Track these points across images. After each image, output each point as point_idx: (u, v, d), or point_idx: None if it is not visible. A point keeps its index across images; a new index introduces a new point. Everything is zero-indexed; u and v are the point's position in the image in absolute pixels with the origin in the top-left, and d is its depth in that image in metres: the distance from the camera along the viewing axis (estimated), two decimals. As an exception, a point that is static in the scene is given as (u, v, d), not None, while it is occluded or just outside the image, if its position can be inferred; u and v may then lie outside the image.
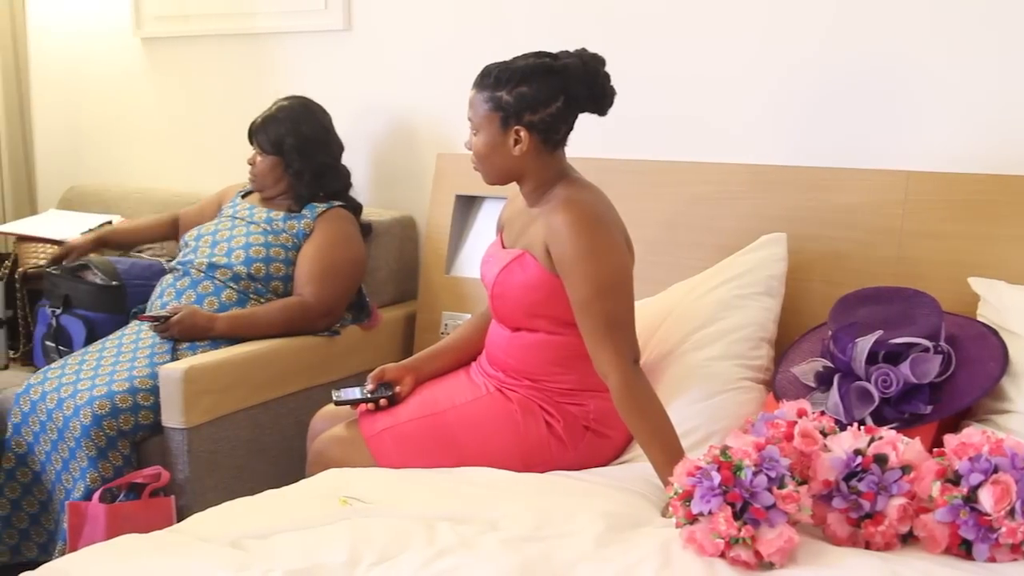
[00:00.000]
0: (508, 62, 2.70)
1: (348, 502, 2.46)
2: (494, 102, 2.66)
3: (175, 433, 3.13)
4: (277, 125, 3.59)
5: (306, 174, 3.58)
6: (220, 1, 4.31)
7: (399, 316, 3.78)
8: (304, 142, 3.58)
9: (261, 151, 3.61)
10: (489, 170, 2.75)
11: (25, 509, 3.30)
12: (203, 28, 4.39)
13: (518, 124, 2.66)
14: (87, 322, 3.64)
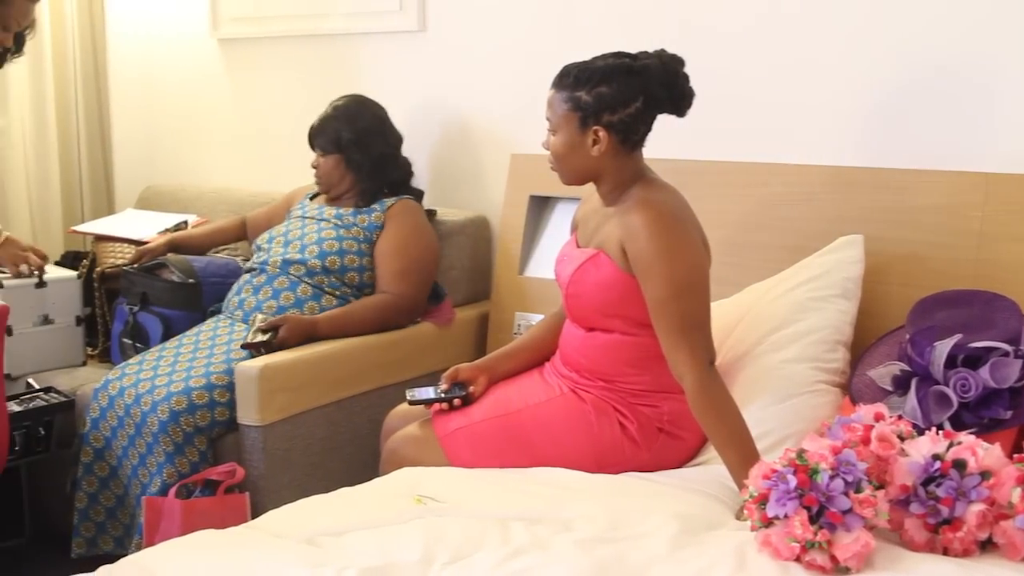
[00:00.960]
0: (587, 62, 2.69)
1: (422, 501, 2.47)
2: (573, 102, 2.65)
3: (250, 430, 3.16)
4: (333, 123, 3.64)
5: (366, 165, 3.62)
6: (296, 3, 4.34)
7: (472, 316, 3.79)
8: (361, 134, 3.62)
9: (322, 152, 3.65)
10: (567, 170, 2.74)
11: (102, 503, 3.34)
12: (278, 29, 4.42)
13: (597, 124, 2.65)
14: (164, 319, 3.67)
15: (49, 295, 3.77)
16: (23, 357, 3.67)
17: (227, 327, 3.49)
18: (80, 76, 4.88)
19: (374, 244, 3.56)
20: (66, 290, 3.82)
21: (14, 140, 4.58)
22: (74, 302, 3.84)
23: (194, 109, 4.75)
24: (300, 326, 3.35)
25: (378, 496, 2.55)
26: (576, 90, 2.65)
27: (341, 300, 3.51)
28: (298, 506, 2.52)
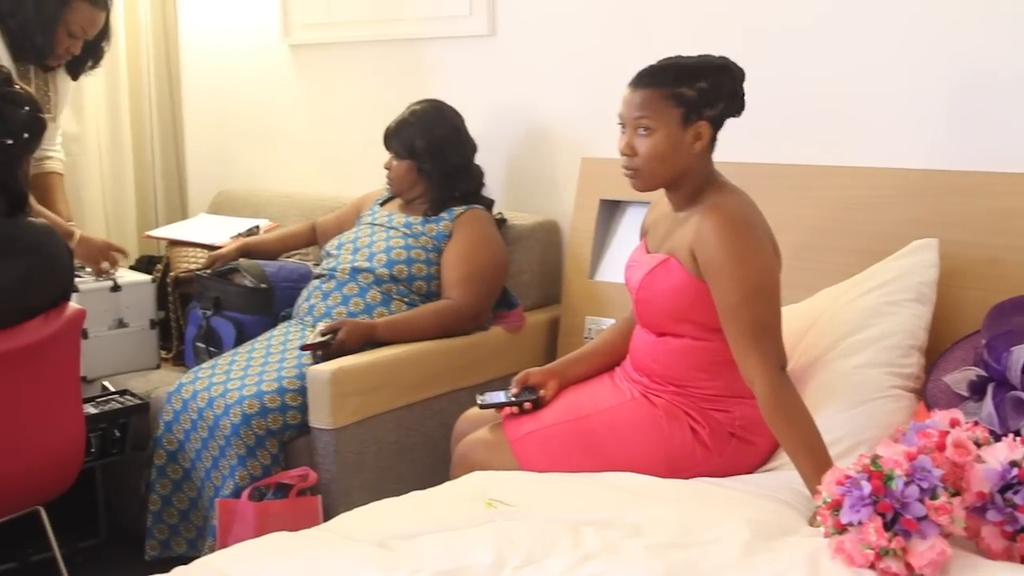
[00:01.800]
0: (678, 58, 2.68)
1: (493, 505, 2.47)
2: (676, 97, 2.63)
3: (322, 434, 3.18)
4: (409, 129, 3.64)
5: (436, 175, 3.63)
6: (366, 8, 4.36)
7: (542, 320, 3.79)
8: (435, 144, 3.63)
9: (396, 156, 3.67)
10: (659, 172, 2.68)
11: (175, 505, 3.38)
12: (349, 35, 4.45)
13: (700, 119, 2.64)
14: (237, 324, 3.71)
15: (124, 299, 3.82)
16: (99, 360, 3.71)
17: (298, 332, 3.52)
18: (154, 83, 4.94)
19: (442, 253, 3.57)
20: (141, 294, 3.87)
21: (89, 147, 4.64)
22: (148, 306, 3.89)
23: (265, 115, 4.80)
24: (359, 329, 3.36)
25: (449, 500, 2.56)
26: (678, 85, 2.63)
27: (410, 306, 3.52)
28: (370, 509, 2.53)
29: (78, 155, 4.57)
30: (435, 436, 3.37)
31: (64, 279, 2.89)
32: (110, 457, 3.43)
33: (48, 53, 3.70)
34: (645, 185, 2.72)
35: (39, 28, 3.62)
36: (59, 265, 2.87)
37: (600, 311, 3.65)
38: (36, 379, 2.82)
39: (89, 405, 3.37)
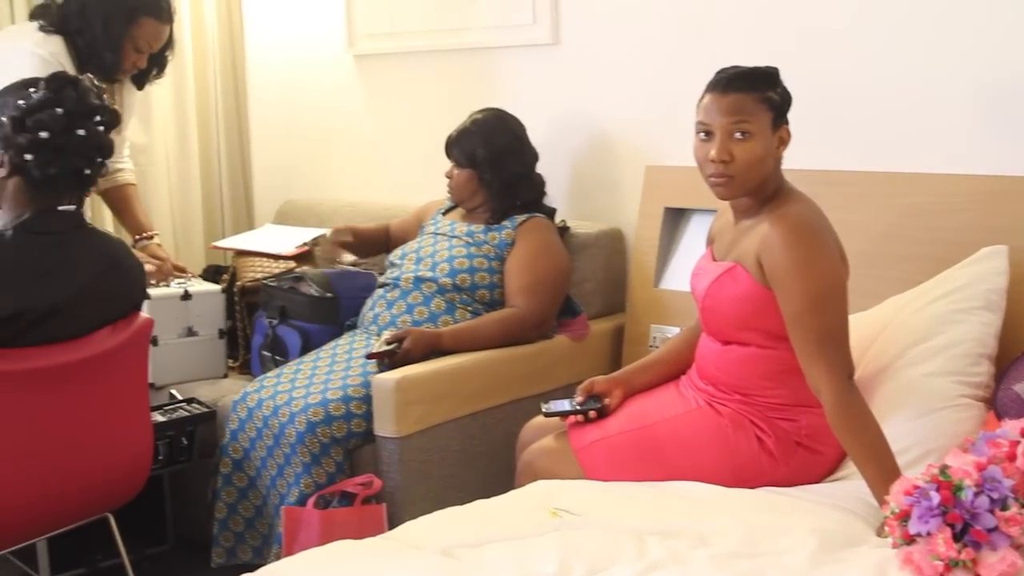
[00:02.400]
0: (745, 68, 2.66)
1: (558, 513, 2.47)
2: (767, 101, 2.63)
3: (387, 442, 3.18)
4: (470, 138, 3.65)
5: (497, 184, 3.63)
6: (429, 18, 4.37)
7: (607, 329, 3.77)
8: (496, 153, 3.63)
9: (457, 164, 3.68)
10: (754, 177, 2.65)
11: (241, 513, 3.40)
12: (413, 45, 4.46)
13: (784, 123, 2.65)
14: (302, 332, 3.73)
15: (194, 308, 3.85)
16: (168, 368, 3.74)
17: (363, 340, 3.53)
18: (220, 96, 4.98)
19: (505, 261, 3.57)
20: (210, 303, 3.89)
21: (157, 158, 4.68)
22: (218, 315, 3.92)
23: (330, 124, 4.82)
24: (424, 338, 3.37)
25: (514, 508, 2.56)
26: (767, 89, 2.63)
27: (474, 315, 3.53)
28: (434, 518, 2.54)
29: (146, 166, 4.61)
30: (499, 445, 3.36)
31: (134, 290, 2.92)
32: (177, 465, 3.45)
33: (116, 69, 3.74)
34: (736, 192, 2.68)
35: (107, 46, 3.66)
36: (129, 277, 2.91)
37: (665, 319, 3.64)
38: (105, 388, 2.85)
39: (157, 413, 3.40)
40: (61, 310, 2.70)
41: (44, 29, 3.62)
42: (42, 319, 2.67)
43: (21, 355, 2.66)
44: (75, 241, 2.78)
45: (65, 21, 3.64)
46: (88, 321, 2.78)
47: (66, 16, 3.65)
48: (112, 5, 3.65)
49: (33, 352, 2.68)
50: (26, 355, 2.67)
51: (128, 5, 3.67)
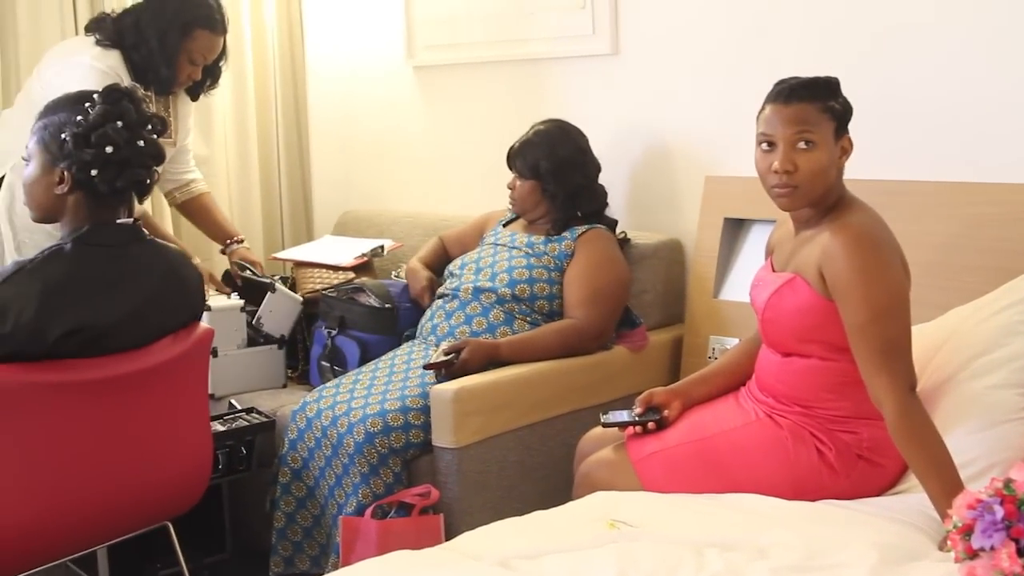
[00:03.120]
0: (806, 78, 2.65)
1: (616, 525, 2.45)
2: (830, 111, 2.61)
3: (445, 452, 3.18)
4: (533, 149, 3.64)
5: (561, 196, 3.62)
6: (489, 29, 4.38)
7: (666, 340, 3.76)
8: (559, 165, 3.62)
9: (520, 176, 3.67)
10: (818, 186, 2.63)
11: (299, 522, 3.41)
12: (472, 56, 4.47)
13: (846, 132, 2.64)
14: (361, 343, 3.74)
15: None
16: (228, 378, 3.76)
17: (421, 351, 3.53)
18: (280, 107, 5.02)
19: (564, 272, 3.56)
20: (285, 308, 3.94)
21: (217, 169, 4.72)
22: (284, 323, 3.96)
23: (389, 135, 4.84)
24: (482, 349, 3.37)
25: (572, 520, 2.55)
26: (829, 99, 2.62)
27: (532, 326, 3.52)
28: (492, 528, 2.53)
29: (207, 177, 4.64)
30: (557, 456, 3.35)
31: (193, 301, 2.94)
32: (236, 474, 3.47)
33: (172, 82, 3.77)
34: (799, 203, 2.66)
35: (163, 59, 3.69)
36: (189, 287, 2.92)
37: (724, 330, 3.61)
38: (166, 398, 2.87)
39: (217, 423, 3.42)
40: (122, 322, 2.72)
41: (101, 43, 3.66)
42: (104, 332, 2.69)
43: (83, 365, 2.68)
44: (134, 253, 2.80)
45: (121, 35, 3.67)
46: (149, 332, 2.80)
47: (121, 30, 3.68)
48: (166, 18, 3.68)
49: (95, 363, 2.70)
50: (88, 365, 2.69)
51: (182, 18, 3.70)
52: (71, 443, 2.69)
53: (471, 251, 3.81)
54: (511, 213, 3.83)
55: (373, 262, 4.26)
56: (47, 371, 2.63)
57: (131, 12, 3.75)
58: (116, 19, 3.73)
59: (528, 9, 4.21)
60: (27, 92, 3.66)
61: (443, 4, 4.49)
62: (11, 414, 2.58)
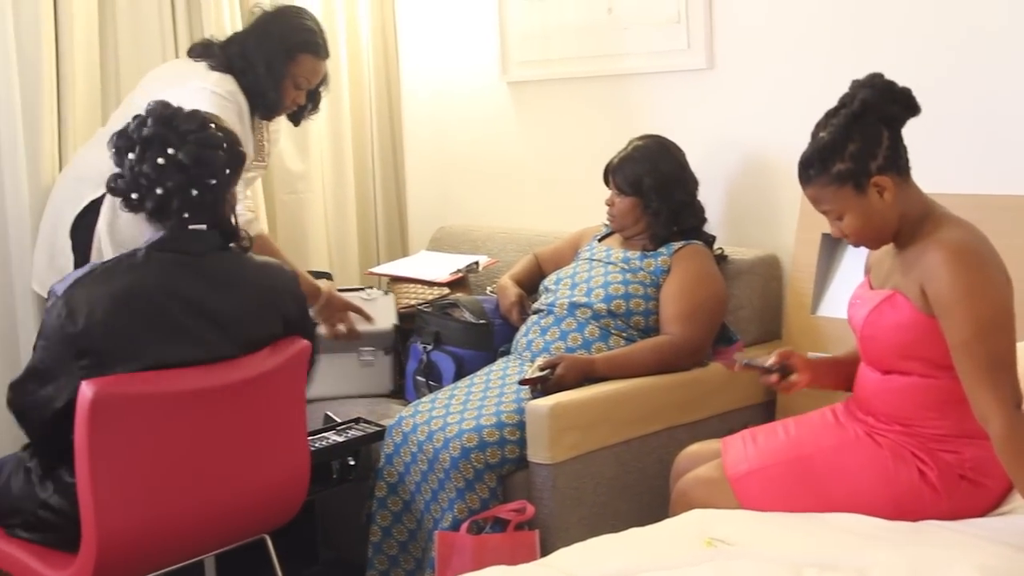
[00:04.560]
0: (813, 143, 2.66)
1: (713, 544, 2.44)
2: (836, 179, 2.60)
3: (540, 468, 3.18)
4: (634, 165, 3.62)
5: (664, 213, 3.60)
6: (583, 44, 4.38)
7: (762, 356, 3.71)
8: (662, 181, 3.60)
9: (619, 192, 3.65)
10: (875, 236, 2.67)
11: (395, 536, 3.42)
12: (566, 71, 4.47)
13: (871, 177, 2.59)
14: (456, 358, 3.75)
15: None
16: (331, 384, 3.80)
17: (517, 366, 3.53)
18: (376, 122, 5.06)
19: (660, 288, 3.55)
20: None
21: (314, 184, 4.77)
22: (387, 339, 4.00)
23: (484, 151, 4.85)
24: (577, 365, 3.36)
25: (668, 537, 2.54)
26: (829, 169, 2.60)
27: (628, 342, 3.50)
28: (588, 545, 2.52)
29: (304, 192, 4.70)
30: (652, 473, 3.34)
31: (285, 312, 2.94)
32: (346, 484, 3.52)
33: (278, 107, 3.82)
34: (873, 246, 2.74)
35: (269, 84, 3.74)
36: (278, 299, 2.93)
37: (822, 347, 3.57)
38: (263, 410, 2.90)
39: (331, 433, 3.49)
40: (190, 327, 2.76)
41: (215, 69, 3.71)
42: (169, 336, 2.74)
43: (179, 376, 2.72)
44: (212, 262, 2.83)
45: (229, 61, 3.72)
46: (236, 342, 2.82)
47: (229, 57, 3.73)
48: (272, 44, 3.73)
49: (191, 372, 2.74)
50: (184, 376, 2.73)
51: (287, 43, 3.75)
52: (169, 453, 2.74)
53: (566, 266, 3.80)
54: (606, 228, 3.82)
55: (468, 278, 4.27)
56: (146, 382, 2.68)
57: (236, 40, 3.80)
58: (222, 46, 3.78)
59: (622, 24, 4.21)
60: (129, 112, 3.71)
61: (537, 20, 4.51)
62: (115, 426, 2.62)
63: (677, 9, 4.02)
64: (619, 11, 4.21)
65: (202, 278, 2.80)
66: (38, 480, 2.85)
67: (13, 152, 3.83)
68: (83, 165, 3.76)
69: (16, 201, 3.85)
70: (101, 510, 2.62)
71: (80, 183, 3.70)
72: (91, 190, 3.65)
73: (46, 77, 3.90)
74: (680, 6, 4.01)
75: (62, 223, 3.69)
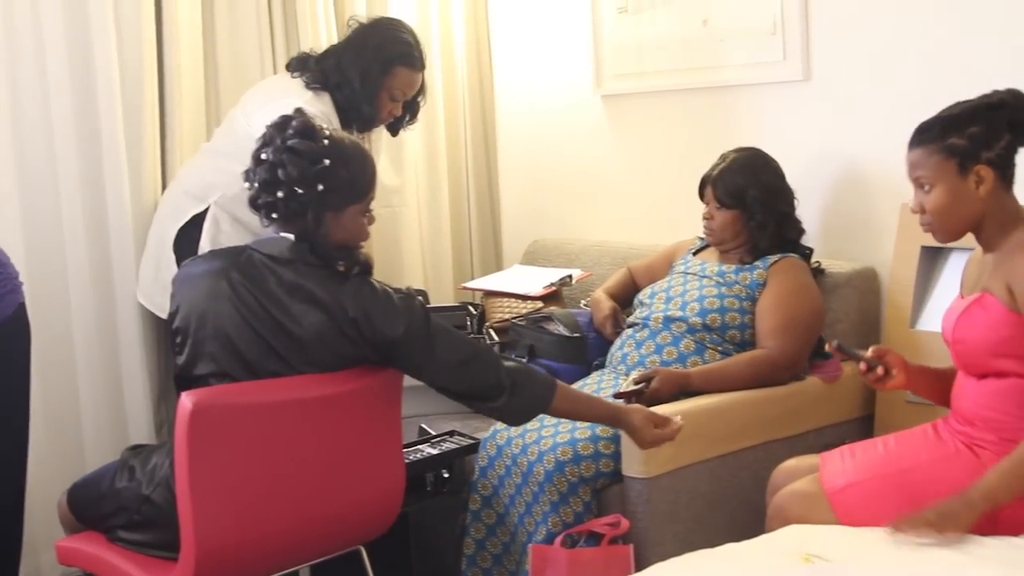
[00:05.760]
0: (944, 112, 2.67)
1: (811, 560, 2.41)
2: (947, 150, 2.61)
3: (635, 482, 3.16)
4: (735, 176, 3.59)
5: (770, 225, 3.57)
6: (676, 57, 4.37)
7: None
8: (766, 193, 3.57)
9: (719, 205, 3.61)
10: (951, 222, 2.67)
11: (489, 549, 3.43)
12: (659, 84, 4.46)
13: (977, 164, 2.59)
14: (550, 371, 3.74)
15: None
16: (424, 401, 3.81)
17: (611, 380, 3.53)
18: (469, 136, 5.09)
19: (756, 301, 3.52)
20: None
21: (408, 199, 4.80)
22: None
23: (578, 165, 4.85)
24: (672, 378, 3.34)
25: (765, 553, 2.51)
26: (946, 138, 2.61)
27: (724, 356, 3.48)
28: (684, 560, 2.51)
29: (398, 207, 4.73)
30: (747, 487, 3.31)
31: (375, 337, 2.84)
32: (440, 496, 3.55)
33: (374, 120, 3.85)
34: (944, 238, 2.72)
35: (365, 98, 3.77)
36: (367, 324, 2.83)
37: (922, 361, 3.50)
38: (358, 422, 2.91)
39: (426, 445, 3.53)
40: (230, 334, 2.84)
41: (311, 87, 3.75)
42: (215, 334, 2.84)
43: (277, 386, 2.76)
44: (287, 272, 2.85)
45: (325, 76, 3.76)
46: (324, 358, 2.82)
47: (325, 71, 3.77)
48: (367, 58, 3.76)
49: (289, 383, 2.77)
50: (281, 386, 2.76)
51: (382, 56, 3.78)
52: (269, 465, 2.77)
53: (660, 280, 3.78)
54: (700, 241, 3.80)
55: (562, 291, 4.28)
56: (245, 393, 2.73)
57: (332, 53, 3.84)
58: (318, 60, 3.82)
59: (717, 36, 4.19)
60: (230, 128, 3.76)
61: (631, 33, 4.50)
62: (214, 436, 2.66)
63: (773, 20, 3.99)
64: (714, 23, 4.20)
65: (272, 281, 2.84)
66: (142, 477, 2.91)
67: (117, 170, 3.91)
68: (187, 180, 3.84)
69: (119, 216, 3.92)
70: (200, 519, 2.65)
71: (184, 197, 3.78)
72: (194, 204, 3.72)
73: (148, 98, 3.99)
74: (776, 17, 3.98)
75: (166, 236, 3.76)
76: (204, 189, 3.72)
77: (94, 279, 3.92)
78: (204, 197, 3.72)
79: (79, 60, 3.84)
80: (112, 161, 3.89)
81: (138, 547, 2.89)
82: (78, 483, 3.14)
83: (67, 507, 3.11)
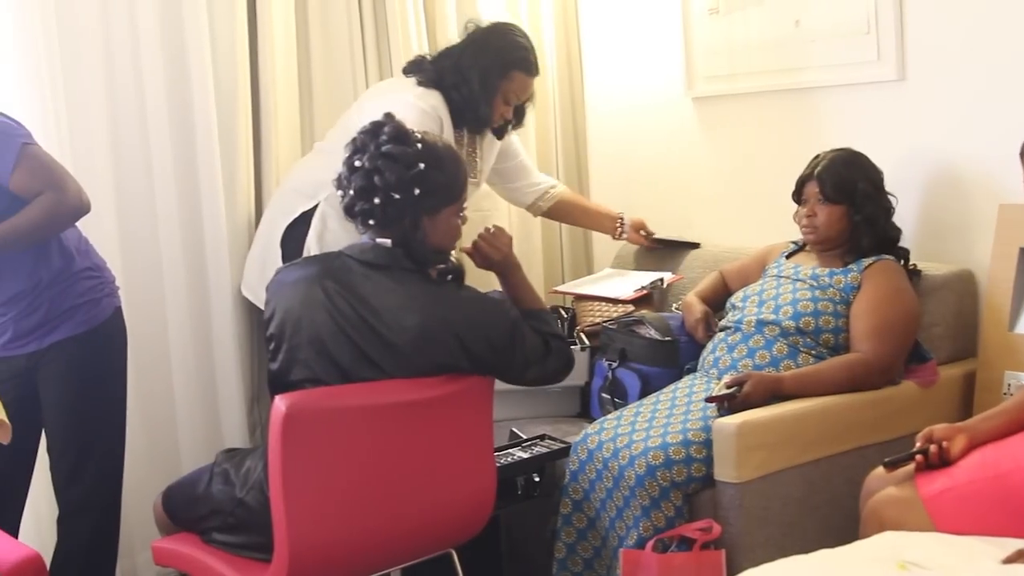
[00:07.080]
0: None
1: (907, 567, 2.37)
2: None
3: (727, 487, 3.14)
4: (844, 169, 3.55)
5: (880, 219, 3.54)
6: (767, 59, 4.33)
7: (957, 375, 3.61)
8: (876, 187, 3.55)
9: (825, 200, 3.56)
10: None
11: (580, 553, 3.42)
12: (751, 85, 4.42)
13: None
14: (642, 375, 3.74)
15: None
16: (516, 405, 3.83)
17: (703, 384, 3.50)
18: (560, 139, 5.09)
19: (850, 305, 3.48)
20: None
21: (499, 203, 4.80)
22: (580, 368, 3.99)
23: (668, 167, 4.83)
24: (764, 382, 3.31)
25: (859, 560, 2.48)
26: None
27: (817, 359, 3.44)
28: (777, 566, 2.48)
29: (489, 211, 4.74)
30: (841, 493, 3.26)
31: (473, 349, 2.90)
32: (530, 499, 3.56)
33: (489, 121, 3.91)
34: None
35: (482, 99, 3.83)
36: (467, 333, 2.88)
37: (1020, 366, 3.45)
38: (450, 426, 2.93)
39: (517, 449, 3.54)
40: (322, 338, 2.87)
41: (422, 84, 3.81)
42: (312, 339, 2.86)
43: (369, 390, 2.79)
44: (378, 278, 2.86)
45: (440, 76, 3.82)
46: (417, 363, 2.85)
47: (441, 71, 3.83)
48: (487, 61, 3.82)
49: (380, 387, 2.80)
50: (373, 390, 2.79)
51: (502, 60, 3.85)
52: (361, 468, 2.80)
53: (753, 283, 3.75)
54: (794, 245, 3.76)
55: (653, 295, 4.26)
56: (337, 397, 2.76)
57: (449, 54, 3.91)
58: (434, 60, 3.89)
59: (810, 36, 4.14)
60: (344, 126, 3.82)
61: (722, 34, 4.47)
62: (307, 440, 2.69)
63: (867, 20, 3.93)
64: (806, 24, 4.15)
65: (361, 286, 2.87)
66: (236, 480, 2.95)
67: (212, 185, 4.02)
68: (298, 178, 3.94)
69: (214, 227, 4.03)
70: (293, 522, 2.68)
71: (294, 194, 3.87)
72: (303, 201, 3.80)
73: (241, 114, 4.09)
74: (870, 17, 3.92)
75: (274, 232, 3.84)
76: (314, 187, 3.79)
77: (189, 285, 4.00)
78: (314, 195, 3.79)
79: (176, 75, 3.97)
80: (208, 176, 4.01)
81: (232, 549, 2.93)
82: (173, 485, 3.20)
83: (162, 509, 3.16)
